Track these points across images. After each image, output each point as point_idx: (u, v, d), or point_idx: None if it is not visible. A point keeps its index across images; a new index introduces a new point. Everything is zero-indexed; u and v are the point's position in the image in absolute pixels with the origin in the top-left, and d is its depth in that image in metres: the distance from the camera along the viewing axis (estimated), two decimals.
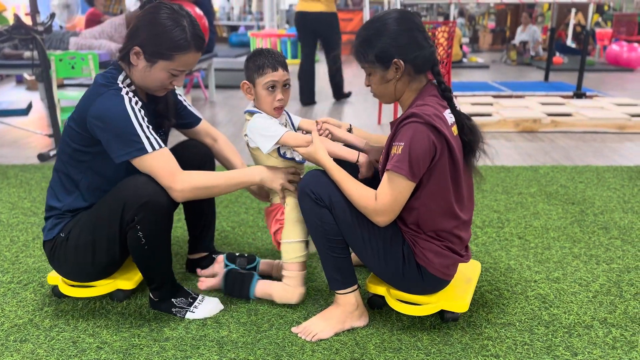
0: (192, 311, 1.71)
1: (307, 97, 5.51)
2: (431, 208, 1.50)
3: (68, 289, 1.75)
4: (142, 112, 1.57)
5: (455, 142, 1.47)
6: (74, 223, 1.64)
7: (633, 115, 4.45)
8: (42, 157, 3.45)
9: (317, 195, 1.55)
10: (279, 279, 1.82)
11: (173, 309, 1.71)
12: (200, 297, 1.76)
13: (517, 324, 1.67)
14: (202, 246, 1.99)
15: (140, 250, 1.59)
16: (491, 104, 5.07)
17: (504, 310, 1.73)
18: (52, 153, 3.51)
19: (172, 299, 1.71)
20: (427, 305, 1.63)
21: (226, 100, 5.67)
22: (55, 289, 1.81)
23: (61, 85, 6.08)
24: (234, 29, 14.88)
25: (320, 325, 1.61)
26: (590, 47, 9.67)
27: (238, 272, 1.83)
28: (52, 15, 3.67)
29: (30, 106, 3.84)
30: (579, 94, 5.43)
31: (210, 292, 1.85)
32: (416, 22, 1.49)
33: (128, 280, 1.76)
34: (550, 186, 2.94)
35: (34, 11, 3.46)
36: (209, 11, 4.92)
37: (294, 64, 9.55)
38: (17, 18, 3.50)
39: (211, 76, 5.61)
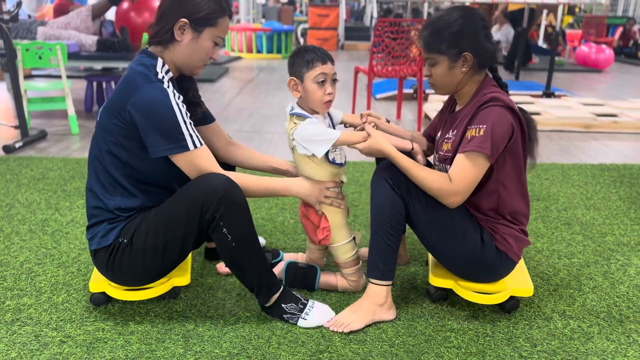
0: (304, 318, 1.63)
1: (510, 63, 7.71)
2: (509, 189, 1.59)
3: (120, 293, 1.65)
4: (184, 107, 1.53)
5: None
6: (135, 226, 1.55)
7: (598, 115, 4.58)
8: (8, 149, 3.37)
9: (394, 181, 1.59)
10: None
11: (285, 315, 1.64)
12: (310, 302, 1.68)
13: (480, 316, 1.71)
14: None
15: (230, 249, 1.54)
16: None
17: (467, 303, 1.77)
18: (17, 145, 3.43)
19: (282, 305, 1.64)
20: (498, 293, 1.67)
21: (201, 94, 5.61)
22: (95, 297, 1.70)
23: (29, 76, 5.93)
24: None
25: (351, 317, 1.63)
26: (560, 48, 9.87)
27: (299, 265, 1.85)
28: (19, 4, 3.58)
29: None
30: (548, 94, 5.54)
31: (312, 295, 1.71)
32: (482, 18, 1.57)
33: (182, 277, 1.71)
34: None
35: None
36: None
37: (270, 58, 9.53)
38: None
39: None
